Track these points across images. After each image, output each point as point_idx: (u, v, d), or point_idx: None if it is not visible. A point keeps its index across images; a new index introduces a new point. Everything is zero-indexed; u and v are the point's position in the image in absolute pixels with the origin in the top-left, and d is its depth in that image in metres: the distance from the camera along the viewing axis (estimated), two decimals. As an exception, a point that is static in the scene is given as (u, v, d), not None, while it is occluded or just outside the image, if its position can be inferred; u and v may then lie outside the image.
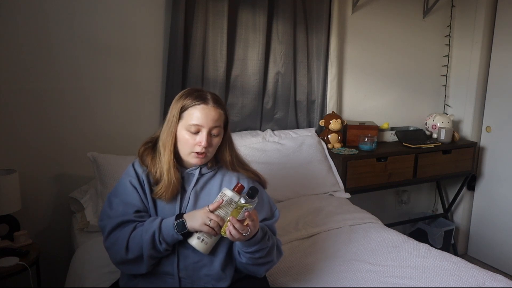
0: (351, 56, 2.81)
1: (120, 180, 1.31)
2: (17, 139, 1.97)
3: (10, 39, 1.89)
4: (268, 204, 1.35)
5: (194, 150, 1.23)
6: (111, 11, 2.07)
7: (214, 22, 2.25)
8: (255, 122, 2.51)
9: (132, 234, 1.19)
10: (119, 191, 1.28)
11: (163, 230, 1.17)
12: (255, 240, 1.18)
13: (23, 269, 1.70)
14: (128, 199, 1.25)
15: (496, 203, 3.05)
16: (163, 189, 1.23)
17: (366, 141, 2.56)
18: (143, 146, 1.31)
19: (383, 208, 3.17)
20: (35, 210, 2.06)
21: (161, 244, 1.17)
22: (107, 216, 1.25)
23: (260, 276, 1.31)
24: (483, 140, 3.14)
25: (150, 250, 1.17)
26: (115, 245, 1.21)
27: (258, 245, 1.20)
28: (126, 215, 1.22)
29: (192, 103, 1.23)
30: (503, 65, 2.95)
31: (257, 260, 1.23)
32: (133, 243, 1.18)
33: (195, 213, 1.17)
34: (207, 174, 1.30)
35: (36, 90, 1.98)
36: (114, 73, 2.13)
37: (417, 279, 1.50)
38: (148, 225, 1.19)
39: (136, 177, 1.27)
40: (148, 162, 1.28)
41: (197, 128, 1.22)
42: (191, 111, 1.23)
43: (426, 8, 3.04)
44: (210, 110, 1.23)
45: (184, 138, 1.23)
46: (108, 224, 1.23)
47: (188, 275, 1.23)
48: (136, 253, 1.18)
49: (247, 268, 1.27)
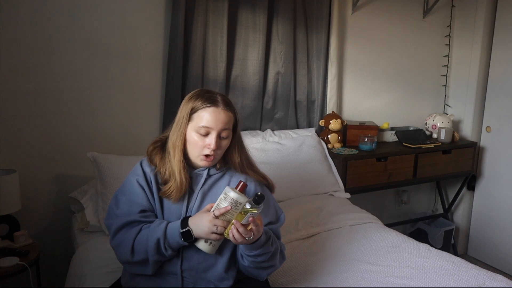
0: (351, 56, 2.81)
1: (127, 178, 1.31)
2: (17, 139, 1.97)
3: (10, 39, 1.89)
4: (273, 208, 1.35)
5: (203, 153, 1.23)
6: (111, 11, 2.07)
7: (214, 22, 2.25)
8: (255, 122, 2.51)
9: (138, 237, 1.19)
10: (126, 189, 1.28)
11: (169, 237, 1.17)
12: (258, 244, 1.18)
13: (23, 269, 1.70)
14: (134, 198, 1.25)
15: (496, 203, 3.05)
16: (173, 189, 1.23)
17: (366, 141, 2.56)
18: (152, 145, 1.31)
19: (383, 208, 3.17)
20: (35, 210, 2.06)
21: (167, 251, 1.18)
22: (113, 214, 1.25)
23: (261, 279, 1.32)
24: (483, 140, 3.14)
25: (155, 255, 1.18)
26: (121, 246, 1.21)
27: (261, 249, 1.20)
28: (132, 215, 1.22)
29: (202, 105, 1.23)
30: (503, 65, 2.95)
31: (260, 264, 1.23)
32: (138, 247, 1.19)
33: (201, 220, 1.15)
34: (215, 175, 1.30)
35: (36, 90, 1.98)
36: (114, 73, 2.13)
37: (417, 279, 1.50)
38: (153, 229, 1.19)
39: (143, 176, 1.27)
40: (157, 161, 1.28)
41: (207, 131, 1.22)
42: (201, 113, 1.23)
43: (426, 8, 3.04)
44: (220, 113, 1.23)
45: (193, 140, 1.23)
46: (114, 224, 1.23)
47: (191, 275, 1.23)
48: (141, 256, 1.19)
49: (249, 271, 1.27)
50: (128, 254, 1.20)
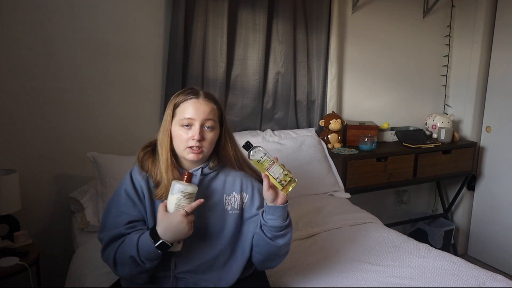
0: (351, 56, 2.81)
1: (117, 188, 1.30)
2: (17, 139, 1.97)
3: (10, 39, 1.89)
4: None
5: (188, 145, 1.22)
6: (111, 11, 2.08)
7: (214, 22, 2.25)
8: (255, 122, 2.51)
9: (117, 253, 1.18)
10: (114, 199, 1.27)
11: (141, 252, 1.14)
12: (286, 207, 1.22)
13: (23, 269, 1.70)
14: (122, 208, 1.24)
15: (496, 203, 3.05)
16: (163, 189, 1.22)
17: (366, 141, 2.56)
18: (143, 150, 1.30)
19: (383, 208, 3.17)
20: (35, 210, 2.06)
21: (145, 264, 1.15)
22: (104, 227, 1.25)
23: (275, 265, 1.32)
24: (483, 140, 3.14)
25: (136, 269, 1.17)
26: (108, 261, 1.22)
27: (289, 218, 1.24)
28: (119, 227, 1.22)
29: (184, 99, 1.24)
30: (503, 65, 2.95)
31: (280, 231, 1.23)
32: (119, 263, 1.19)
33: (172, 223, 1.12)
34: (210, 175, 1.29)
35: (36, 90, 1.98)
36: (114, 73, 2.13)
37: (417, 279, 1.50)
38: (127, 245, 1.17)
39: (131, 185, 1.25)
40: (149, 165, 1.26)
41: (189, 122, 1.22)
42: (182, 106, 1.24)
43: (426, 8, 3.04)
44: (201, 104, 1.23)
45: (178, 134, 1.23)
46: (104, 238, 1.23)
47: (191, 276, 1.23)
48: (126, 272, 1.19)
49: (268, 248, 1.25)
50: (113, 269, 1.21)
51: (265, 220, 1.22)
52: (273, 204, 1.20)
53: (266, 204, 1.22)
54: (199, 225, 1.24)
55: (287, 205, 1.22)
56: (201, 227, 1.25)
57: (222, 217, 1.27)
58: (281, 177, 1.18)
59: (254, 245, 1.27)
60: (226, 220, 1.27)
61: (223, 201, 1.28)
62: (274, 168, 1.18)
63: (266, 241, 1.23)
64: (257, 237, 1.26)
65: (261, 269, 1.35)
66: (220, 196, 1.28)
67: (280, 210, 1.20)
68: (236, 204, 1.28)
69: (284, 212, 1.21)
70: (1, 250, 1.76)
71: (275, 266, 1.34)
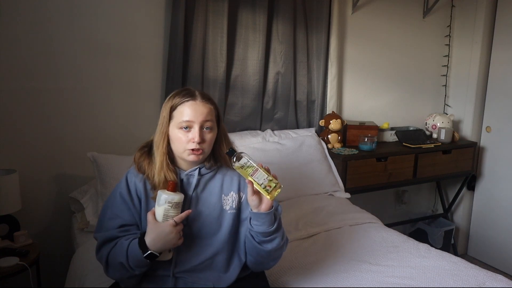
0: (351, 56, 2.81)
1: (112, 190, 1.30)
2: (17, 139, 1.97)
3: (10, 39, 1.89)
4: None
5: (188, 147, 1.21)
6: (111, 11, 2.08)
7: (214, 22, 2.25)
8: (255, 122, 2.51)
9: (110, 256, 1.19)
10: (110, 201, 1.28)
11: (130, 259, 1.15)
12: (272, 214, 1.21)
13: (23, 269, 1.70)
14: (116, 211, 1.24)
15: (496, 203, 3.05)
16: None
17: (366, 141, 2.56)
18: (139, 151, 1.29)
19: (383, 208, 3.17)
20: (35, 210, 2.06)
21: (134, 270, 1.16)
22: (100, 227, 1.26)
23: (269, 267, 1.32)
24: (483, 140, 3.14)
25: (126, 274, 1.18)
26: (101, 261, 1.23)
27: (277, 223, 1.23)
28: (111, 230, 1.22)
29: (180, 101, 1.23)
30: (503, 65, 2.95)
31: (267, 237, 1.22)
32: (111, 266, 1.20)
33: (162, 237, 1.14)
34: (207, 175, 1.29)
35: (36, 90, 1.98)
36: (114, 73, 2.13)
37: (417, 279, 1.50)
38: (117, 251, 1.18)
39: (126, 188, 1.25)
40: (145, 167, 1.26)
41: (189, 124, 1.21)
42: (180, 108, 1.23)
43: (426, 8, 3.04)
44: (199, 106, 1.23)
45: (177, 137, 1.22)
46: (99, 238, 1.24)
47: (190, 275, 1.23)
48: (117, 275, 1.21)
49: (258, 260, 1.26)
50: (106, 270, 1.22)
51: (251, 226, 1.23)
52: (257, 211, 1.20)
53: (250, 211, 1.22)
54: (198, 225, 1.24)
55: (272, 211, 1.21)
56: (199, 227, 1.25)
57: (220, 217, 1.27)
58: (265, 183, 1.17)
59: (246, 248, 1.28)
60: (224, 220, 1.27)
61: (221, 201, 1.28)
62: (258, 174, 1.17)
63: (255, 245, 1.24)
64: (247, 241, 1.27)
65: (256, 270, 1.35)
66: (218, 196, 1.28)
67: (264, 217, 1.20)
68: (234, 204, 1.29)
69: (269, 218, 1.21)
70: (1, 250, 1.76)
71: (268, 268, 1.34)
